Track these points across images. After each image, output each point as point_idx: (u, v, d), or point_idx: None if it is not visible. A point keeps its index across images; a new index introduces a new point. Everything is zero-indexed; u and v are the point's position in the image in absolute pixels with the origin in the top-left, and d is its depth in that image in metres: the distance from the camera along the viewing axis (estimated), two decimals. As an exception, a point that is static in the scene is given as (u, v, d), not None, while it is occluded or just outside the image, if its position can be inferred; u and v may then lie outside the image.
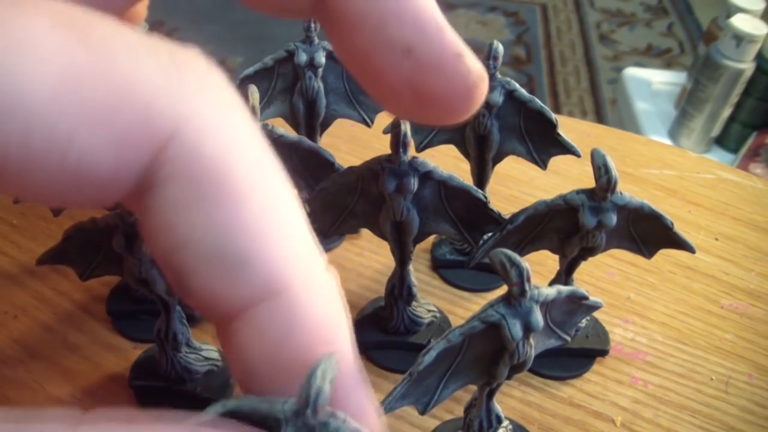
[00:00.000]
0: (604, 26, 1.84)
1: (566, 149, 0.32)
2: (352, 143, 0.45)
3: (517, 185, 0.43)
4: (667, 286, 0.37)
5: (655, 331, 0.35)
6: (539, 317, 0.21)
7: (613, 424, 0.31)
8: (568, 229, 0.28)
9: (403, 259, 0.31)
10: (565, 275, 0.30)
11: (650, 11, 1.92)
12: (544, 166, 0.33)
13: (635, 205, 0.27)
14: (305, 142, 0.30)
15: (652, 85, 1.27)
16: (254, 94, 0.28)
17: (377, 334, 0.33)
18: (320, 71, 0.34)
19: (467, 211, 0.29)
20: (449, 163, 0.35)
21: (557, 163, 0.37)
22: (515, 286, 0.21)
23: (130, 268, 0.28)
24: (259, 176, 0.12)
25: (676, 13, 1.91)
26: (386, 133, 0.29)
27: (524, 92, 0.32)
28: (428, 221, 0.29)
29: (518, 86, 0.32)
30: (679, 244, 0.29)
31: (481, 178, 0.35)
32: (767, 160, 1.05)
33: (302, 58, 0.34)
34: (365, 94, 0.26)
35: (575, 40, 1.78)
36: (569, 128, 0.45)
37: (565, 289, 0.23)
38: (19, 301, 0.35)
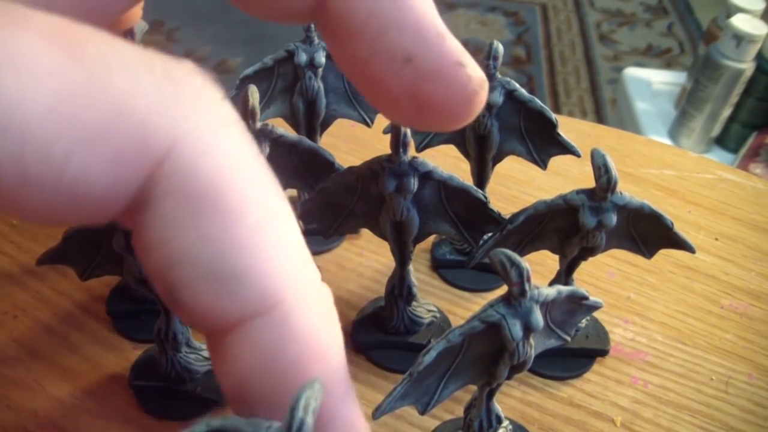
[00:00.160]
0: (604, 26, 1.84)
1: (566, 149, 0.32)
2: (352, 143, 0.45)
3: (517, 185, 0.43)
4: (667, 286, 0.37)
5: (655, 331, 0.35)
6: (539, 317, 0.21)
7: (613, 424, 0.31)
8: (568, 229, 0.28)
9: (403, 259, 0.31)
10: (565, 275, 0.30)
11: (650, 11, 1.92)
12: (544, 166, 0.33)
13: (635, 205, 0.27)
14: (305, 142, 0.30)
15: (652, 85, 1.27)
16: (254, 94, 0.28)
17: (377, 334, 0.33)
18: (320, 71, 0.34)
19: (467, 211, 0.29)
20: (449, 163, 0.35)
21: (557, 163, 0.37)
22: (515, 286, 0.21)
23: (130, 268, 0.28)
24: (254, 192, 0.12)
25: (676, 13, 1.91)
26: (386, 133, 0.29)
27: (524, 92, 0.32)
28: (428, 221, 0.29)
29: (518, 86, 0.32)
30: (679, 244, 0.29)
31: (481, 178, 0.35)
32: (767, 160, 1.05)
33: (302, 58, 0.34)
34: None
35: (575, 40, 1.78)
36: (569, 128, 0.45)
37: (565, 289, 0.23)
38: (19, 301, 0.35)
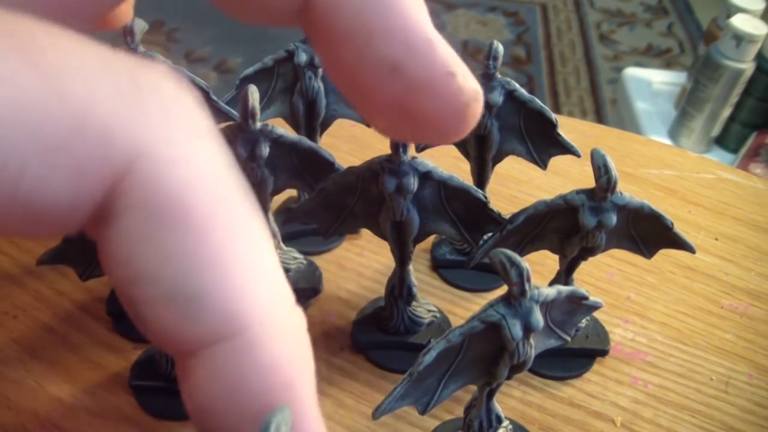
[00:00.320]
0: (604, 26, 1.84)
1: (566, 149, 0.32)
2: (352, 143, 0.45)
3: (517, 185, 0.43)
4: (667, 286, 0.37)
5: (655, 331, 0.35)
6: (539, 317, 0.21)
7: (613, 424, 0.31)
8: (568, 229, 0.28)
9: (403, 259, 0.31)
10: (565, 275, 0.30)
11: (650, 11, 1.92)
12: (544, 166, 0.33)
13: (635, 205, 0.27)
14: (305, 142, 0.30)
15: (652, 85, 1.27)
16: (254, 94, 0.28)
17: (377, 334, 0.33)
18: (320, 71, 0.34)
19: (467, 211, 0.29)
20: (449, 163, 0.35)
21: (557, 163, 0.37)
22: (515, 286, 0.21)
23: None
24: (222, 209, 0.12)
25: (676, 13, 1.91)
26: (386, 133, 0.29)
27: (524, 92, 0.32)
28: (428, 221, 0.29)
29: (518, 86, 0.32)
30: (679, 244, 0.29)
31: (481, 178, 0.35)
32: (767, 160, 1.05)
33: (302, 58, 0.34)
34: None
35: (575, 40, 1.78)
36: (569, 128, 0.45)
37: (565, 289, 0.23)
38: (19, 301, 0.35)
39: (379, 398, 0.22)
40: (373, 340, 0.33)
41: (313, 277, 0.35)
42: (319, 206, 0.30)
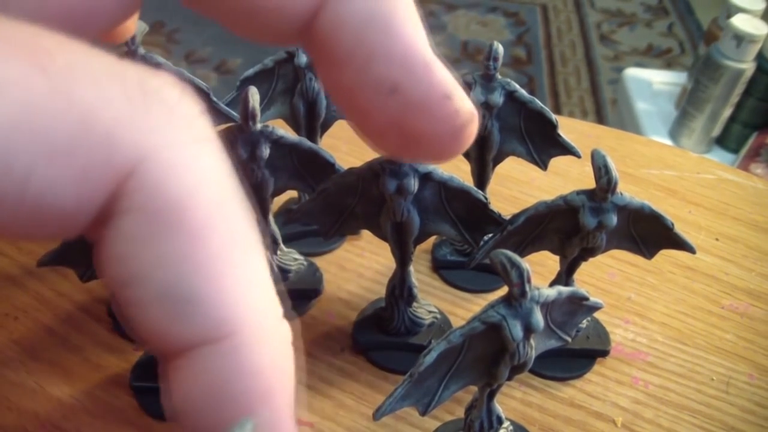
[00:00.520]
0: (604, 26, 1.84)
1: (566, 150, 0.32)
2: (352, 144, 0.45)
3: (517, 186, 0.43)
4: (667, 286, 0.37)
5: (655, 331, 0.35)
6: (540, 318, 0.21)
7: (613, 424, 0.31)
8: (568, 229, 0.28)
9: (403, 259, 0.31)
10: (565, 276, 0.30)
11: (650, 11, 1.92)
12: (544, 166, 0.33)
13: (636, 205, 0.27)
14: (305, 143, 0.30)
15: (652, 85, 1.27)
16: (254, 95, 0.28)
17: (378, 334, 0.33)
18: (320, 72, 0.34)
19: (468, 211, 0.29)
20: (449, 163, 0.34)
21: (557, 163, 0.37)
22: (516, 287, 0.21)
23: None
24: (220, 216, 0.12)
25: (676, 13, 1.91)
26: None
27: (524, 93, 0.32)
28: (429, 222, 0.29)
29: (518, 87, 0.32)
30: (679, 244, 0.29)
31: (481, 178, 0.35)
32: (768, 160, 1.05)
33: (302, 59, 0.34)
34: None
35: (575, 40, 1.78)
36: (569, 129, 0.45)
37: (565, 289, 0.23)
38: (19, 302, 0.35)
39: (379, 399, 0.22)
40: (373, 340, 0.33)
41: (313, 278, 0.35)
42: (319, 207, 0.30)
